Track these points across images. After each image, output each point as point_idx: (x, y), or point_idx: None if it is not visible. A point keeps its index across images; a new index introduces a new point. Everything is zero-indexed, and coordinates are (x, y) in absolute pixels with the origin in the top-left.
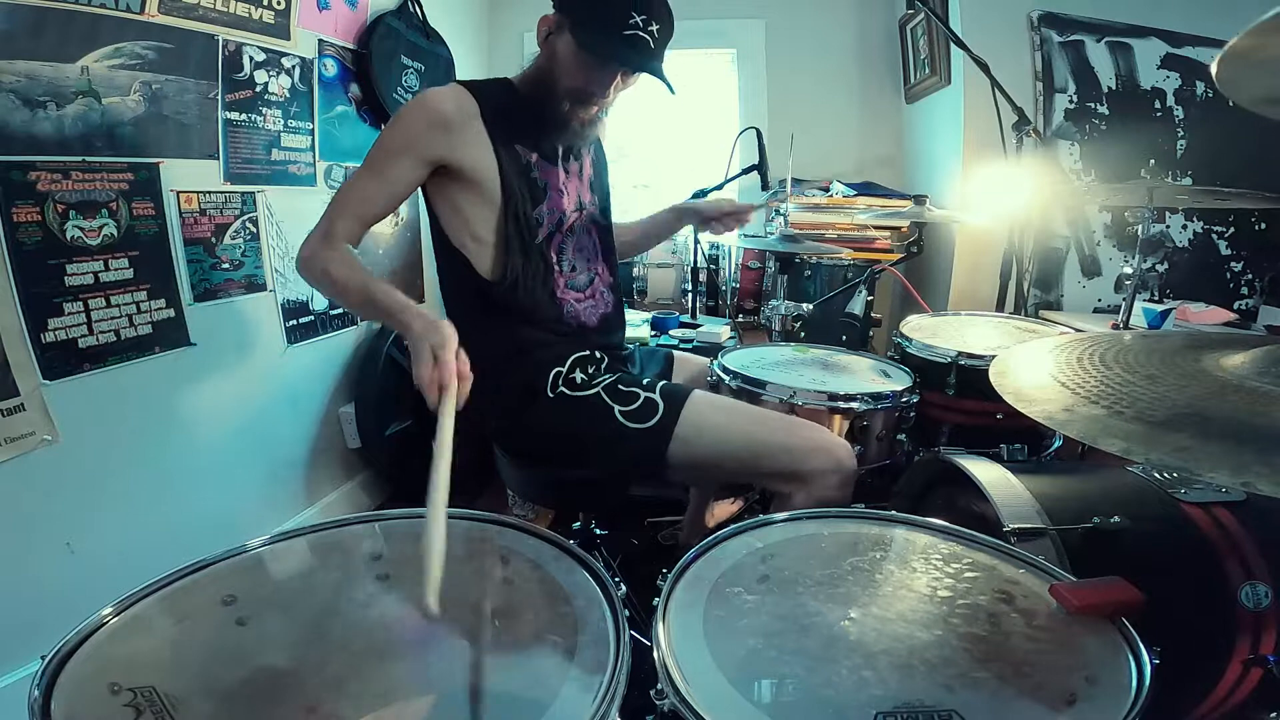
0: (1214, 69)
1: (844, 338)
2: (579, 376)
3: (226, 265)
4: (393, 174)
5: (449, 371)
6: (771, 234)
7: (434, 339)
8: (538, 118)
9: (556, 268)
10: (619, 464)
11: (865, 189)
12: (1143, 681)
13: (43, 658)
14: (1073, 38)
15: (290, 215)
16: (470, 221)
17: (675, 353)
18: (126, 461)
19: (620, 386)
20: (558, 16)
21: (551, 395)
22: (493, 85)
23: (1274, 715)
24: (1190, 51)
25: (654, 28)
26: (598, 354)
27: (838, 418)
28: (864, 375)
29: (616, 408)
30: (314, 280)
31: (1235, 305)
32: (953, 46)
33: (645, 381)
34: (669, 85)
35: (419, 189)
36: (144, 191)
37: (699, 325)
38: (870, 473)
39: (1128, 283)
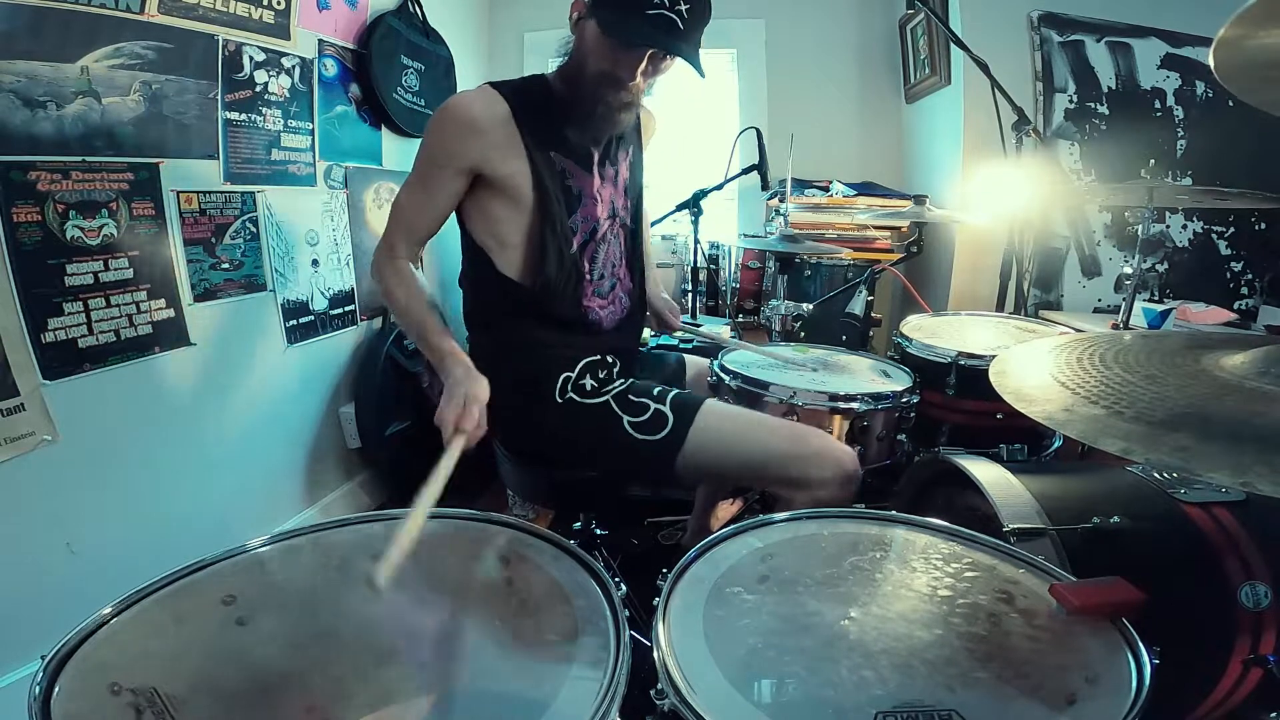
0: (1211, 61)
1: (844, 338)
2: (589, 383)
3: (226, 265)
4: (433, 186)
5: (472, 420)
6: (771, 234)
7: (471, 388)
8: (571, 114)
9: (588, 276)
10: (627, 473)
11: (865, 189)
12: (1143, 681)
13: (43, 658)
14: (1073, 38)
15: (290, 215)
16: (495, 224)
17: (686, 356)
18: (126, 462)
19: (630, 396)
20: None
21: (560, 400)
22: (524, 85)
23: (1274, 715)
24: (1190, 51)
25: (683, 6)
26: (609, 358)
27: (838, 418)
28: (864, 375)
29: (626, 418)
30: (378, 288)
31: (1235, 305)
32: (953, 46)
33: (656, 391)
34: (698, 68)
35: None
36: (144, 191)
37: (699, 325)
38: (870, 473)
39: (1128, 283)
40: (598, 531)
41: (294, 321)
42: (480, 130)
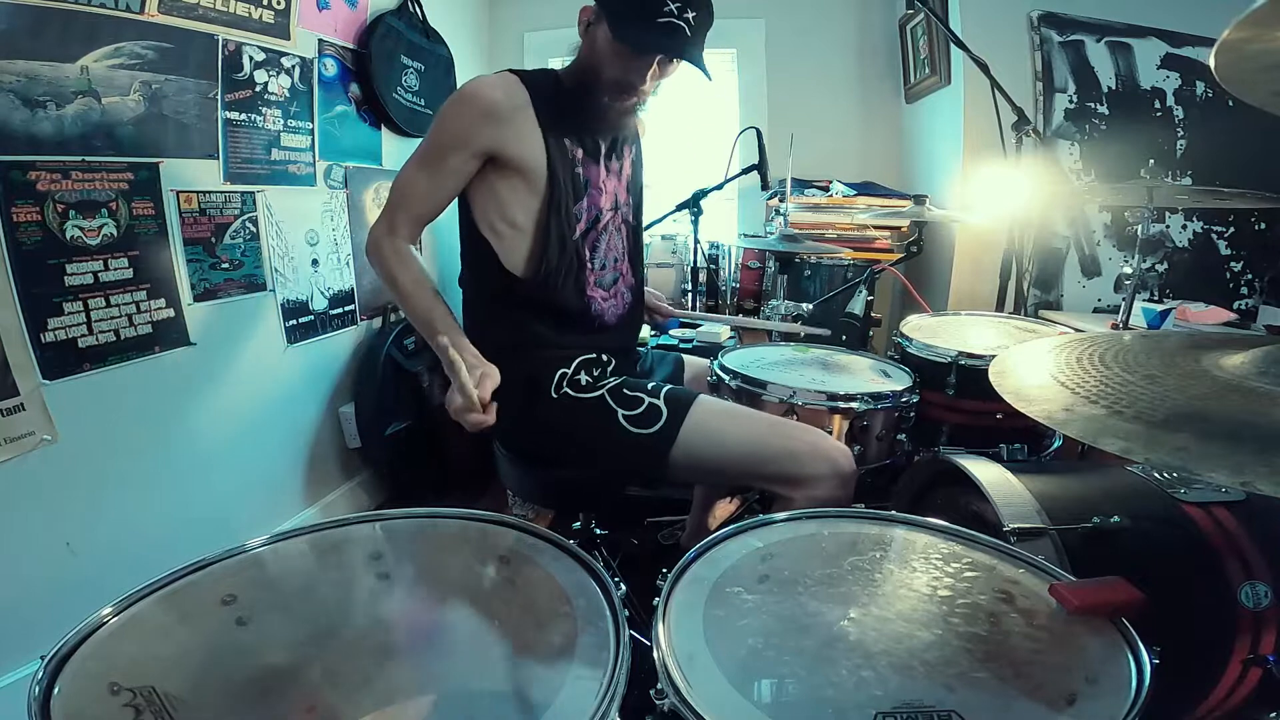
0: (1212, 62)
1: (844, 338)
2: (584, 378)
3: (226, 265)
4: (445, 168)
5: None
6: (771, 234)
7: (486, 367)
8: (582, 110)
9: (589, 264)
10: (620, 468)
11: (865, 189)
12: (1143, 681)
13: (43, 658)
14: (1073, 37)
15: (290, 215)
16: (507, 207)
17: (685, 357)
18: (126, 461)
19: (625, 390)
20: (595, 8)
21: (555, 396)
22: (540, 75)
23: (1274, 715)
24: (1190, 51)
25: (690, 14)
26: (605, 356)
27: (838, 418)
28: (864, 375)
29: (620, 412)
30: (376, 269)
31: (1235, 305)
32: (953, 46)
33: (650, 386)
34: (706, 72)
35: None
36: (144, 191)
37: (699, 325)
38: (870, 473)
39: (1128, 283)
40: (598, 531)
41: (294, 321)
42: (501, 117)
